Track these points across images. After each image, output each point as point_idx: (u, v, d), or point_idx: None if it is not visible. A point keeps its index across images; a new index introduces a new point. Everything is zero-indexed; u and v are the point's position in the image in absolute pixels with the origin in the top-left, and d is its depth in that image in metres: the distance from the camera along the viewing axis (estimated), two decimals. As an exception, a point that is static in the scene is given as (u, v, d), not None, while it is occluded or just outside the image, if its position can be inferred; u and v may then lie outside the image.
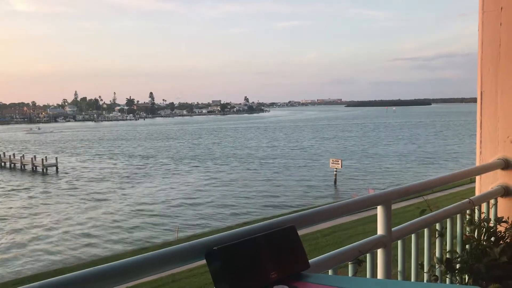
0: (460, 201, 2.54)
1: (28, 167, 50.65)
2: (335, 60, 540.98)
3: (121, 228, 25.50)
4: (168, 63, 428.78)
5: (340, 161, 36.91)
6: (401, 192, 2.10)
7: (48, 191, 37.73)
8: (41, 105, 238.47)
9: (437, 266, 2.33)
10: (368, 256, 1.87)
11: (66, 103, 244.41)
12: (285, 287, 1.26)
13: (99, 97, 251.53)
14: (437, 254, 2.34)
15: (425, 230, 2.29)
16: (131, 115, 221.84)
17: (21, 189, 39.12)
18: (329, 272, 1.67)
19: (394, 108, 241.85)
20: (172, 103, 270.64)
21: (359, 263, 1.77)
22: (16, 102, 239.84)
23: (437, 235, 2.36)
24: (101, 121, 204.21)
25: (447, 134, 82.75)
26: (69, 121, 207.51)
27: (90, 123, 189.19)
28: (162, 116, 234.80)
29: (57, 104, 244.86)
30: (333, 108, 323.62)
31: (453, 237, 2.47)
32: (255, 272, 1.26)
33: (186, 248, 1.26)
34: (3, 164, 54.33)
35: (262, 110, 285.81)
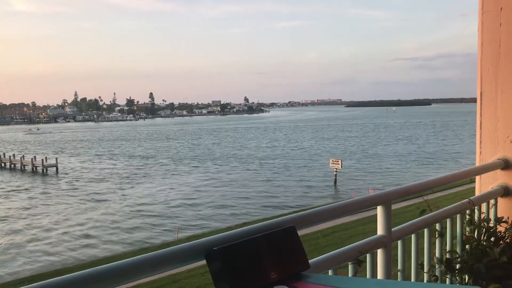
0: (460, 201, 2.54)
1: (28, 168, 50.65)
2: (335, 60, 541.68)
3: (121, 229, 25.49)
4: (168, 63, 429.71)
5: (340, 161, 36.89)
6: (401, 192, 2.10)
7: (48, 192, 37.71)
8: (41, 106, 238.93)
9: (437, 266, 2.33)
10: (368, 256, 1.87)
11: (66, 104, 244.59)
12: (285, 287, 1.26)
13: (99, 98, 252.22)
14: (437, 254, 2.35)
15: (425, 230, 2.29)
16: (131, 116, 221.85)
17: (21, 190, 39.10)
18: (329, 272, 1.67)
19: (394, 108, 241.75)
20: (172, 104, 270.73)
21: (359, 263, 1.77)
22: (16, 103, 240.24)
23: (437, 235, 2.36)
24: (101, 122, 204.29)
25: (447, 134, 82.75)
26: (69, 122, 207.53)
27: (90, 124, 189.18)
28: (162, 117, 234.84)
29: (57, 105, 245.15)
30: (333, 108, 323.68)
31: (453, 237, 2.47)
32: (255, 272, 1.26)
33: (186, 249, 1.26)
34: (3, 165, 54.29)
35: (262, 111, 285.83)
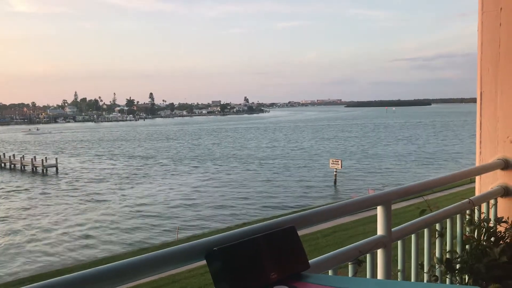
0: (460, 201, 2.54)
1: (28, 168, 50.65)
2: (335, 60, 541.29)
3: (120, 229, 25.48)
4: (168, 64, 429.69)
5: (340, 162, 36.88)
6: (401, 193, 2.10)
7: (48, 192, 37.72)
8: (41, 106, 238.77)
9: (437, 266, 2.33)
10: (368, 257, 1.87)
11: (66, 104, 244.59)
12: (285, 287, 1.26)
13: (99, 98, 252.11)
14: (437, 254, 2.35)
15: (425, 230, 2.29)
16: (131, 116, 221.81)
17: (21, 190, 39.10)
18: (329, 273, 1.67)
19: (394, 109, 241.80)
20: (172, 104, 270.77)
21: (359, 264, 1.77)
22: (16, 103, 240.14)
23: (437, 235, 2.36)
24: (101, 122, 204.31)
25: (447, 135, 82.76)
26: (69, 122, 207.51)
27: (90, 124, 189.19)
28: (162, 117, 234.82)
29: (57, 105, 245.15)
30: (333, 109, 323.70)
31: (453, 237, 2.47)
32: (255, 272, 1.26)
33: (186, 249, 1.26)
34: (3, 165, 54.29)
35: (262, 111, 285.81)
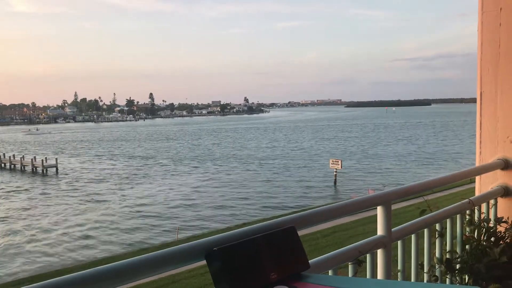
0: (460, 202, 2.54)
1: (28, 168, 50.62)
2: (335, 60, 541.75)
3: (120, 230, 25.47)
4: (168, 64, 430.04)
5: (340, 162, 36.86)
6: (401, 193, 2.10)
7: (48, 192, 37.70)
8: (41, 106, 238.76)
9: (437, 267, 2.33)
10: (368, 257, 1.87)
11: (66, 104, 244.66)
12: (285, 287, 1.26)
13: (99, 98, 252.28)
14: (437, 255, 2.35)
15: (425, 231, 2.29)
16: (131, 116, 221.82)
17: (21, 190, 39.09)
18: (329, 273, 1.67)
19: (394, 109, 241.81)
20: (172, 104, 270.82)
21: (359, 264, 1.77)
22: (16, 103, 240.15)
23: (437, 236, 2.36)
24: (101, 122, 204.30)
25: (447, 135, 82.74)
26: (69, 122, 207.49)
27: (90, 124, 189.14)
28: (162, 117, 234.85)
29: (57, 105, 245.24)
30: (333, 109, 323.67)
31: (453, 238, 2.47)
32: (255, 273, 1.26)
33: (186, 249, 1.26)
34: (3, 165, 54.27)
35: (262, 111, 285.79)
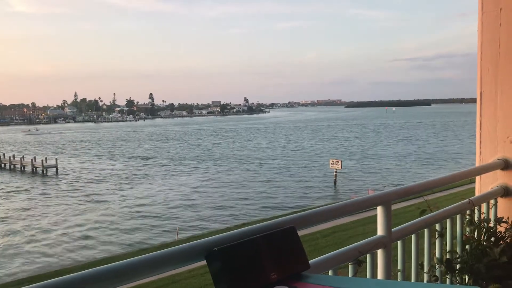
0: (460, 202, 2.54)
1: (28, 169, 50.62)
2: (335, 60, 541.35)
3: (120, 230, 25.46)
4: (168, 64, 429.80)
5: (340, 162, 36.86)
6: (401, 193, 2.09)
7: (48, 193, 37.69)
8: (41, 106, 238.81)
9: (437, 267, 2.33)
10: (368, 257, 1.87)
11: (66, 104, 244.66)
12: (285, 287, 1.26)
13: (99, 98, 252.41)
14: (437, 255, 2.35)
15: (425, 231, 2.29)
16: (131, 116, 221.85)
17: (21, 191, 39.08)
18: (329, 273, 1.67)
19: (394, 109, 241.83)
20: (172, 104, 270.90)
21: (359, 264, 1.77)
22: (16, 103, 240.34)
23: (437, 236, 2.36)
24: (101, 122, 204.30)
25: (447, 135, 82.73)
26: (69, 122, 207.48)
27: (90, 124, 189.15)
28: (162, 117, 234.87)
29: (57, 105, 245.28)
30: (333, 109, 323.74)
31: (453, 238, 2.47)
32: (255, 273, 1.26)
33: (186, 249, 1.26)
34: (3, 166, 54.27)
35: (262, 111, 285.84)
